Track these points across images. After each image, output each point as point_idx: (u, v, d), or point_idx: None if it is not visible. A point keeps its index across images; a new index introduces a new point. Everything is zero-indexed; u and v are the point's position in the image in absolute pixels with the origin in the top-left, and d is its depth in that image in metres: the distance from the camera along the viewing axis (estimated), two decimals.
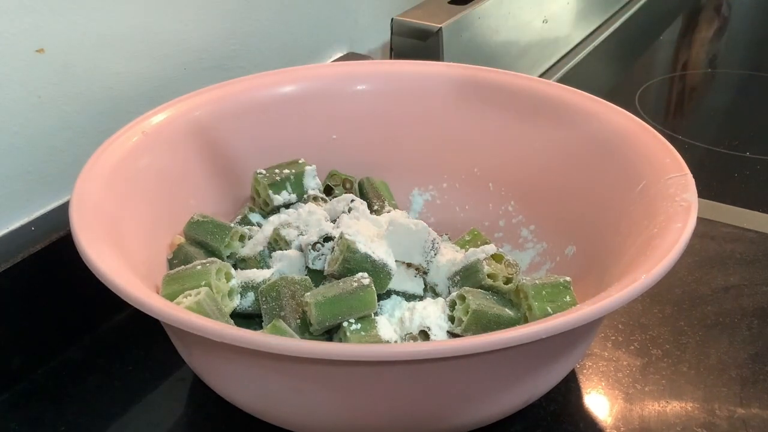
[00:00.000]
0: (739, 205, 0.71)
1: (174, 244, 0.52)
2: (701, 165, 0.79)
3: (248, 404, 0.44)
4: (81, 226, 0.43)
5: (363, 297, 0.45)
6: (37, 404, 0.50)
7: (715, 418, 0.48)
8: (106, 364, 0.53)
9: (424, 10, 0.83)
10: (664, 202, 0.45)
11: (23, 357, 0.51)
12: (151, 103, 0.58)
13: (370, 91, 0.62)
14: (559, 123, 0.57)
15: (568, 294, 0.46)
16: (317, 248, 0.49)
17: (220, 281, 0.47)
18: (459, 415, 0.41)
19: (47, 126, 0.55)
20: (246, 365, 0.40)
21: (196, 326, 0.36)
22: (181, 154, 0.54)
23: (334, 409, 0.41)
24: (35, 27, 0.52)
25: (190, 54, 0.65)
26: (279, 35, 0.74)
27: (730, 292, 0.58)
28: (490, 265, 0.49)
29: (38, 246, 0.51)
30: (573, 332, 0.37)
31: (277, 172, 0.57)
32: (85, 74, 0.57)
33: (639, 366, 0.52)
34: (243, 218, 0.57)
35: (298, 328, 0.46)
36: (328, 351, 0.35)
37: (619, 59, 1.08)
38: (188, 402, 0.50)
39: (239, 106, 0.58)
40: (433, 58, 0.79)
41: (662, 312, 0.56)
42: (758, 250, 0.63)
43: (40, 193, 0.56)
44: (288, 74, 0.61)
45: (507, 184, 0.60)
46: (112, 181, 0.48)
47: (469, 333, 0.45)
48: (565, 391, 0.50)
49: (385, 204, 0.58)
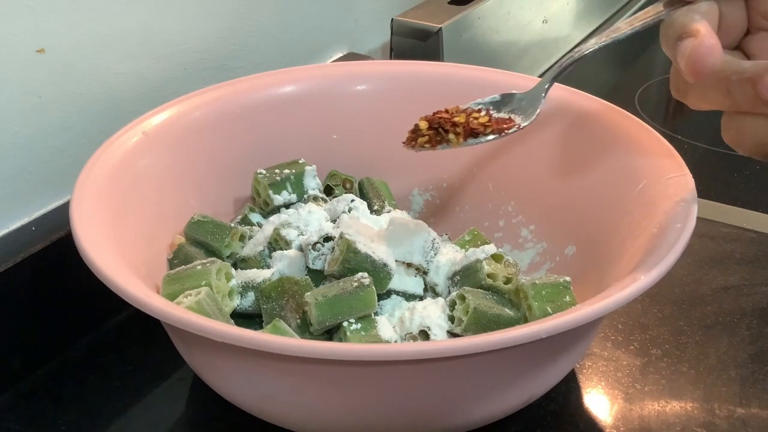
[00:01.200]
0: (739, 205, 0.71)
1: (174, 244, 0.52)
2: (701, 165, 0.79)
3: (248, 404, 0.44)
4: (81, 226, 0.43)
5: (363, 297, 0.45)
6: (37, 404, 0.50)
7: (714, 417, 0.48)
8: (106, 364, 0.53)
9: (424, 11, 0.83)
10: (664, 202, 0.45)
11: (23, 357, 0.51)
12: (151, 103, 0.58)
13: (370, 91, 0.62)
14: (559, 123, 0.57)
15: (568, 294, 0.46)
16: (317, 248, 0.49)
17: (221, 281, 0.47)
18: (459, 414, 0.42)
19: (47, 126, 0.55)
20: (246, 365, 0.40)
21: (196, 326, 0.36)
22: (181, 154, 0.54)
23: (334, 409, 0.41)
24: (35, 27, 0.52)
25: (190, 54, 0.65)
26: (279, 35, 0.74)
27: (729, 292, 0.58)
28: (490, 265, 0.49)
29: (38, 246, 0.51)
30: (573, 332, 0.37)
31: (277, 172, 0.57)
32: (86, 74, 0.57)
33: (639, 366, 0.52)
34: (243, 218, 0.57)
35: (298, 328, 0.46)
36: (328, 351, 0.35)
37: (619, 59, 1.08)
38: (188, 402, 0.50)
39: (239, 106, 0.58)
40: (433, 58, 0.79)
41: (662, 312, 0.56)
42: (758, 250, 0.63)
43: (41, 193, 0.56)
44: (288, 74, 0.61)
45: (507, 184, 0.60)
46: (112, 181, 0.48)
47: (469, 333, 0.45)
48: (565, 391, 0.50)
49: (385, 204, 0.58)
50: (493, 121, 0.46)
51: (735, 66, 0.35)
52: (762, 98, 0.34)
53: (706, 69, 0.34)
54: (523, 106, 0.47)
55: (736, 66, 0.35)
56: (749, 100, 0.34)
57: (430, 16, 0.81)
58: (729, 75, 0.35)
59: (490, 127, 0.46)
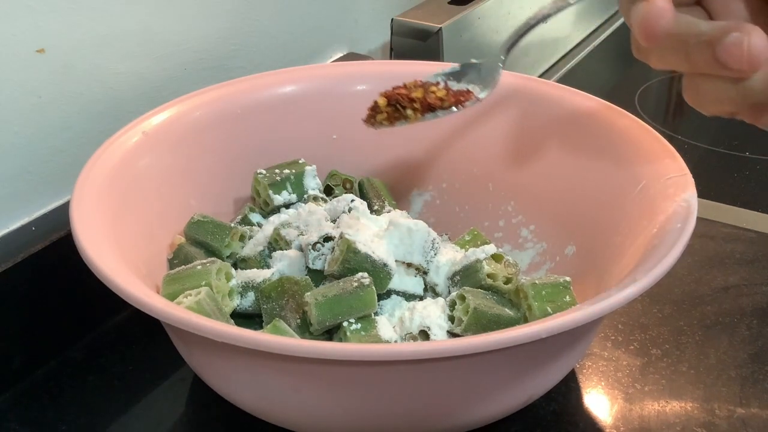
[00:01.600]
0: (739, 205, 0.71)
1: (174, 244, 0.52)
2: (701, 165, 0.79)
3: (248, 404, 0.44)
4: (81, 226, 0.43)
5: (363, 297, 0.45)
6: (37, 404, 0.50)
7: (714, 417, 0.48)
8: (106, 364, 0.53)
9: (424, 11, 0.83)
10: (664, 202, 0.45)
11: (23, 357, 0.51)
12: (152, 103, 0.58)
13: (370, 91, 0.61)
14: (558, 123, 0.57)
15: (568, 294, 0.46)
16: (317, 248, 0.49)
17: (221, 281, 0.47)
18: (459, 414, 0.41)
19: (48, 126, 0.55)
20: (246, 365, 0.40)
21: (196, 326, 0.36)
22: (181, 154, 0.54)
23: (334, 409, 0.41)
24: (35, 27, 0.53)
25: (190, 54, 0.65)
26: (279, 35, 0.74)
27: (729, 292, 0.58)
28: (490, 265, 0.49)
29: (38, 246, 0.51)
30: (573, 332, 0.37)
31: (277, 172, 0.57)
32: (86, 74, 0.57)
33: (639, 366, 0.52)
34: (243, 218, 0.57)
35: (298, 328, 0.46)
36: (328, 351, 0.35)
37: (619, 59, 1.07)
38: (188, 402, 0.50)
39: (239, 106, 0.58)
40: (433, 58, 0.79)
41: (662, 312, 0.56)
42: (758, 250, 0.63)
43: (41, 193, 0.56)
44: (288, 74, 0.61)
45: (507, 184, 0.60)
46: (112, 181, 0.48)
47: (469, 333, 0.45)
48: (565, 391, 0.50)
49: (385, 204, 0.58)
50: (451, 94, 0.46)
51: (692, 28, 0.35)
52: (719, 61, 0.33)
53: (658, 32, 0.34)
54: (483, 77, 0.47)
55: (693, 28, 0.35)
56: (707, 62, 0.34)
57: (430, 16, 0.81)
58: (687, 38, 0.35)
59: (447, 101, 0.45)
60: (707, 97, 0.36)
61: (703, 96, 0.36)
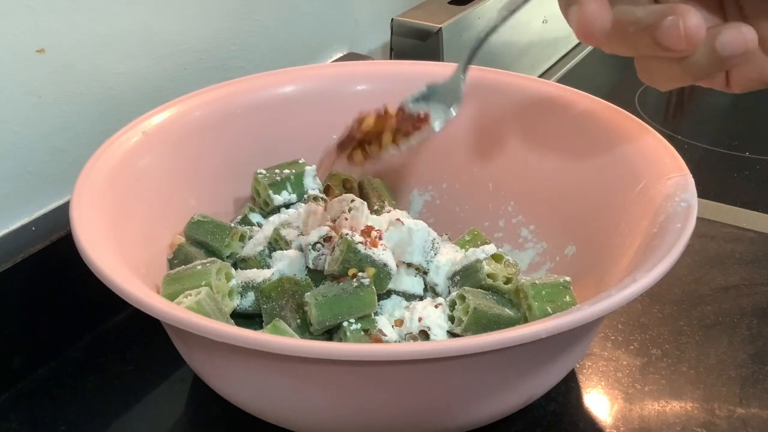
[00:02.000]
0: (739, 205, 0.71)
1: (174, 244, 0.52)
2: (701, 165, 0.79)
3: (248, 404, 0.44)
4: (81, 226, 0.43)
5: (363, 297, 0.45)
6: (37, 404, 0.50)
7: (714, 417, 0.48)
8: (106, 364, 0.53)
9: (424, 11, 0.83)
10: (664, 202, 0.45)
11: (23, 357, 0.51)
12: (151, 103, 0.58)
13: (370, 91, 0.62)
14: (558, 123, 0.57)
15: (568, 294, 0.46)
16: (317, 248, 0.49)
17: (220, 281, 0.47)
18: (459, 414, 0.41)
19: (48, 126, 0.55)
20: (246, 365, 0.40)
21: (196, 326, 0.36)
22: (181, 154, 0.54)
23: (334, 409, 0.41)
24: (35, 27, 0.53)
25: (190, 54, 0.65)
26: (279, 35, 0.74)
27: (729, 292, 0.58)
28: (490, 265, 0.49)
29: (38, 246, 0.51)
30: (573, 332, 0.37)
31: (277, 172, 0.57)
32: (86, 74, 0.57)
33: (639, 366, 0.52)
34: (243, 218, 0.57)
35: (298, 328, 0.46)
36: (328, 351, 0.35)
37: (619, 59, 1.07)
38: (188, 402, 0.50)
39: (239, 106, 0.58)
40: (433, 58, 0.79)
41: (662, 312, 0.56)
42: (758, 250, 0.63)
43: (41, 193, 0.56)
44: (288, 74, 0.61)
45: (507, 184, 0.60)
46: (112, 181, 0.48)
47: (469, 333, 0.45)
48: (565, 391, 0.50)
49: (385, 204, 0.58)
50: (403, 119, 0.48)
51: (630, 16, 0.35)
52: (660, 45, 0.34)
53: (596, 34, 0.35)
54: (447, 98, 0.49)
55: (630, 16, 0.35)
56: (650, 47, 0.35)
57: (430, 16, 0.81)
58: (626, 26, 0.35)
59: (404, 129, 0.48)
60: (659, 76, 0.37)
61: (656, 76, 0.38)
